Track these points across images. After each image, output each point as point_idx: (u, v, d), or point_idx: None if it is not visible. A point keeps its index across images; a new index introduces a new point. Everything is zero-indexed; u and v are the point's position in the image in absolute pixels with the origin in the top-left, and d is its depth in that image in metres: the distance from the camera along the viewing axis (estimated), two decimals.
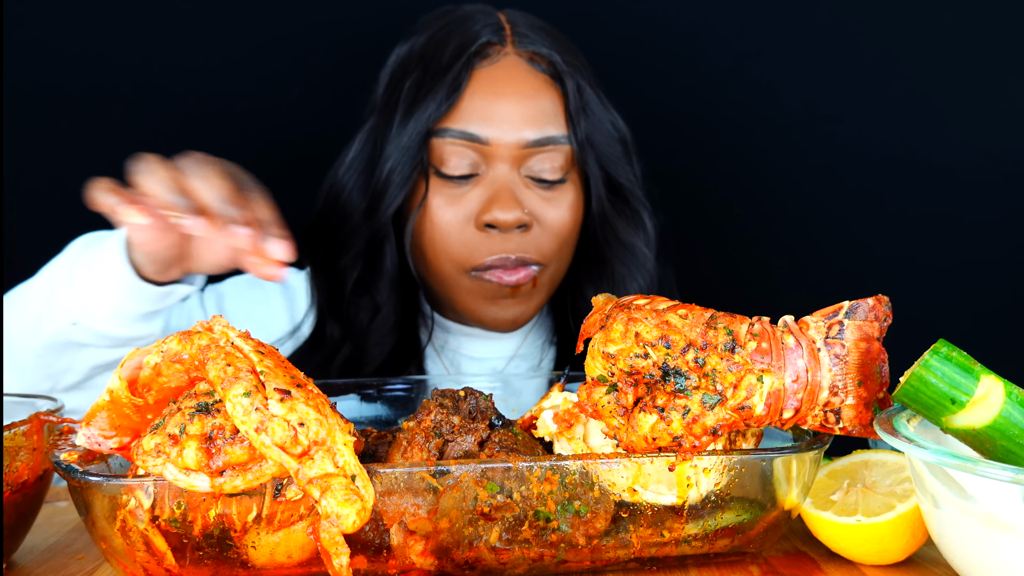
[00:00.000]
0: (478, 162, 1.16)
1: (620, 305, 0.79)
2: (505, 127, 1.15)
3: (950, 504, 0.70)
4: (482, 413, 0.82)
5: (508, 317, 1.22)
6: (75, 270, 1.04)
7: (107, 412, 0.75)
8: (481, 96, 1.16)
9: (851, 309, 0.77)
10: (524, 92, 1.16)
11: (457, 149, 1.16)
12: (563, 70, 1.18)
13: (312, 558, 0.73)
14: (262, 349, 0.75)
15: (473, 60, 1.17)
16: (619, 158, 1.22)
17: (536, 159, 1.16)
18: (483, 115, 1.15)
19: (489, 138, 1.15)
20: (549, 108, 1.17)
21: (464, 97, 1.16)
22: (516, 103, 1.16)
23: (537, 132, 1.16)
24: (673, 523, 0.76)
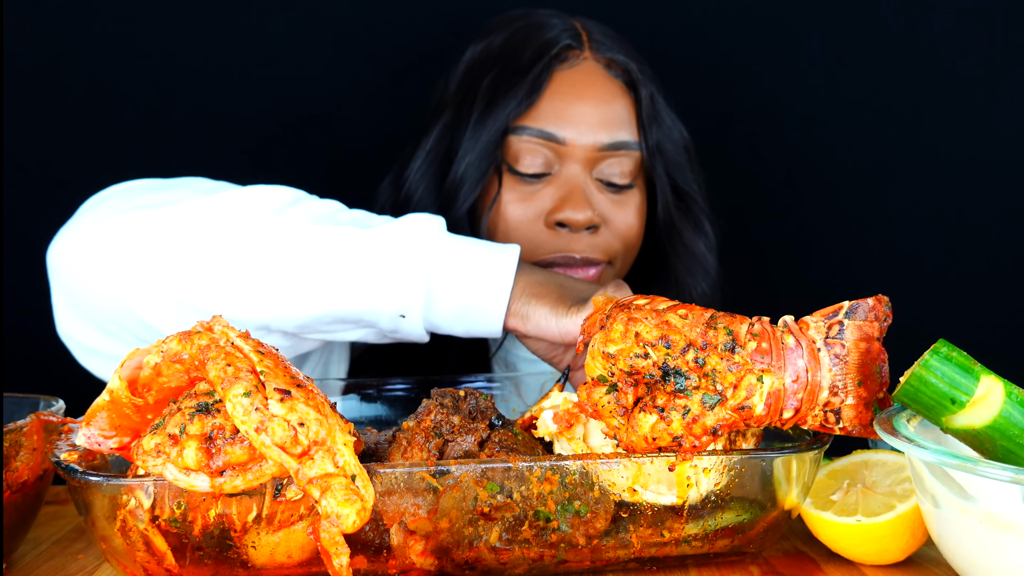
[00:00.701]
0: (552, 161, 1.19)
1: (620, 305, 0.79)
2: (582, 128, 1.18)
3: (950, 504, 0.70)
4: (482, 413, 0.82)
5: None
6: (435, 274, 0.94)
7: (107, 412, 0.75)
8: (560, 97, 1.19)
9: (851, 309, 0.77)
10: (601, 96, 1.20)
11: (533, 147, 1.18)
12: (637, 78, 1.22)
13: (312, 558, 0.73)
14: (262, 349, 0.75)
15: (553, 62, 1.21)
16: (684, 166, 1.26)
17: (607, 163, 1.19)
18: (561, 116, 1.18)
19: (566, 138, 1.18)
20: (624, 114, 1.20)
21: (543, 97, 1.19)
22: (593, 106, 1.19)
23: (611, 136, 1.19)
24: (673, 523, 0.76)
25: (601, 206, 1.20)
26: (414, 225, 0.96)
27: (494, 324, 0.95)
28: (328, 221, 0.96)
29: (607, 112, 1.19)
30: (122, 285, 0.94)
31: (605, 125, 1.19)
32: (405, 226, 0.95)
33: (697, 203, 1.27)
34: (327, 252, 0.94)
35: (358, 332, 0.98)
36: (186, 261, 0.94)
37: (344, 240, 0.94)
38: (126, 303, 0.95)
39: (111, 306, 0.96)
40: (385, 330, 0.97)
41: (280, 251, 0.94)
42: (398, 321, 0.95)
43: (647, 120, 1.21)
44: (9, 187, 1.52)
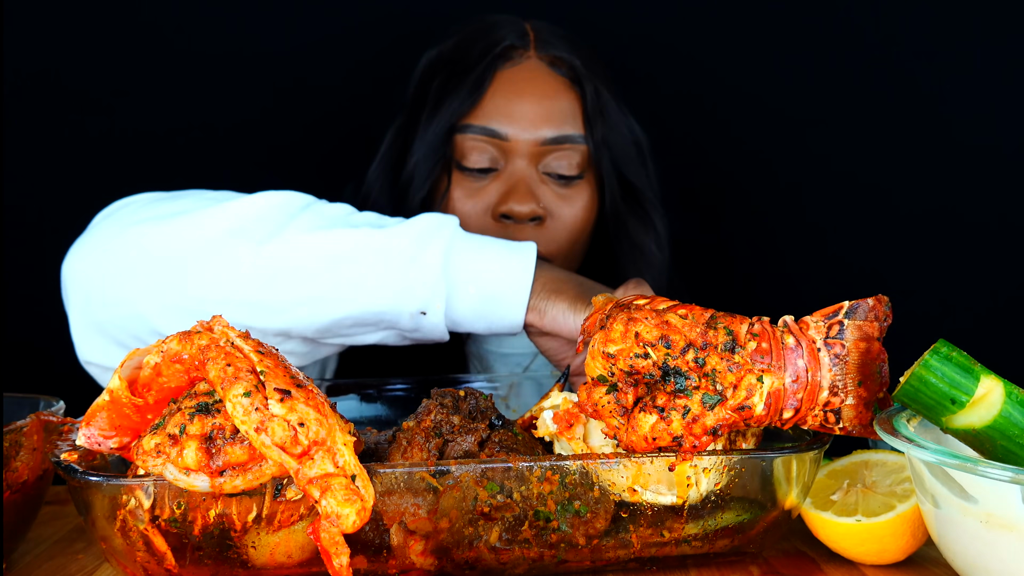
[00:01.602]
0: (497, 157, 1.22)
1: (620, 305, 0.79)
2: (524, 124, 1.21)
3: (950, 504, 0.70)
4: (482, 413, 0.82)
5: None
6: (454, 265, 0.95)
7: (107, 412, 0.75)
8: (503, 95, 1.23)
9: (851, 309, 0.77)
10: (544, 92, 1.23)
11: (478, 144, 1.22)
12: (582, 74, 1.24)
13: (312, 558, 0.73)
14: (262, 349, 0.75)
15: (497, 62, 1.25)
16: (633, 160, 1.27)
17: (553, 156, 1.22)
18: (504, 113, 1.22)
19: (508, 134, 1.21)
20: (567, 108, 1.23)
21: (487, 96, 1.23)
22: (535, 102, 1.22)
23: (554, 130, 1.22)
24: (673, 523, 0.76)
25: (547, 199, 1.22)
26: (431, 223, 0.97)
27: (515, 319, 0.96)
28: (342, 224, 0.97)
29: (549, 107, 1.22)
30: (138, 296, 0.95)
31: (547, 120, 1.22)
32: (422, 224, 0.97)
33: (646, 197, 1.29)
34: (344, 254, 0.94)
35: (378, 334, 0.99)
36: (201, 271, 0.94)
37: (361, 241, 0.95)
38: (143, 314, 0.95)
39: (129, 319, 0.96)
40: (406, 330, 0.97)
41: (297, 256, 0.94)
42: (419, 320, 0.96)
43: (592, 115, 1.23)
44: (9, 186, 1.52)
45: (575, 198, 1.24)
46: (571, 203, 1.24)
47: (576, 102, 1.24)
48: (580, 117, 1.24)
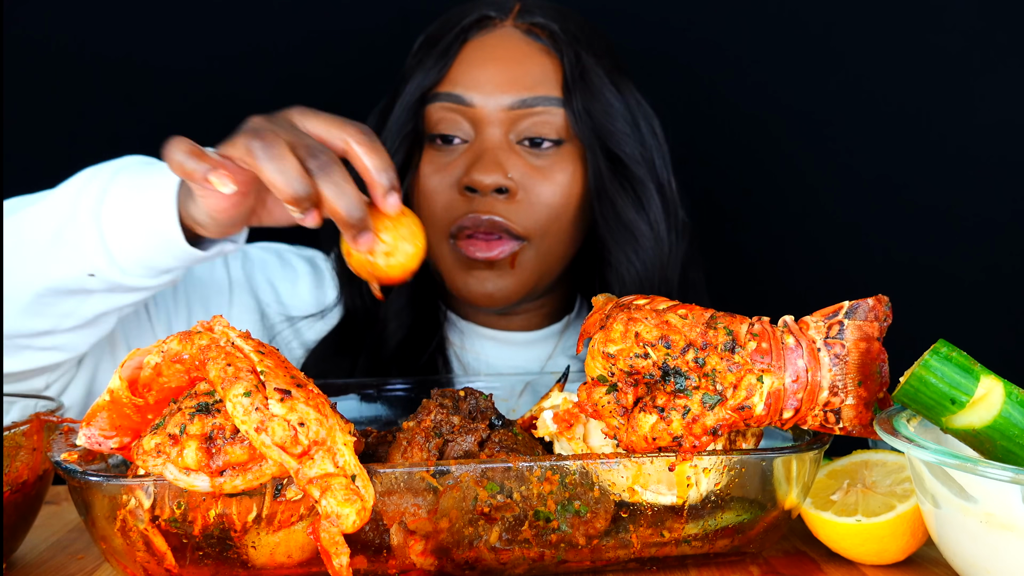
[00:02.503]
0: (467, 128, 1.17)
1: (620, 305, 0.79)
2: (489, 89, 1.15)
3: (950, 504, 0.70)
4: (482, 413, 0.82)
5: (484, 290, 1.17)
6: (103, 211, 0.94)
7: (107, 412, 0.75)
8: (469, 63, 1.17)
9: (851, 309, 0.77)
10: (512, 57, 1.17)
11: (447, 115, 1.17)
12: (562, 40, 1.17)
13: (312, 558, 0.73)
14: (262, 349, 0.75)
15: (469, 32, 1.19)
16: (625, 135, 1.18)
17: (527, 122, 1.15)
18: (470, 79, 1.16)
19: (473, 100, 1.15)
20: (538, 72, 1.17)
21: (454, 65, 1.18)
22: (502, 66, 1.16)
23: (522, 93, 1.15)
24: (673, 523, 0.76)
25: (519, 171, 1.15)
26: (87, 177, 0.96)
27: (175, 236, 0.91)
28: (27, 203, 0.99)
29: (516, 71, 1.16)
30: None
31: (514, 83, 1.15)
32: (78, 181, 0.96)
33: (637, 175, 1.19)
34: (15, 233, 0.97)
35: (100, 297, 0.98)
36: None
37: (19, 223, 0.97)
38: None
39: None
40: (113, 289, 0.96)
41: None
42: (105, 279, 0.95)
43: (571, 81, 1.16)
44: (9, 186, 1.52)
45: (552, 170, 1.16)
46: (547, 176, 1.16)
47: (554, 67, 1.17)
48: (557, 82, 1.16)
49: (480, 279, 1.16)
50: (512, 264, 1.16)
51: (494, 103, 1.15)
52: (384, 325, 1.23)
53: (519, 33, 1.19)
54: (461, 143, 1.17)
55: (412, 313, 1.24)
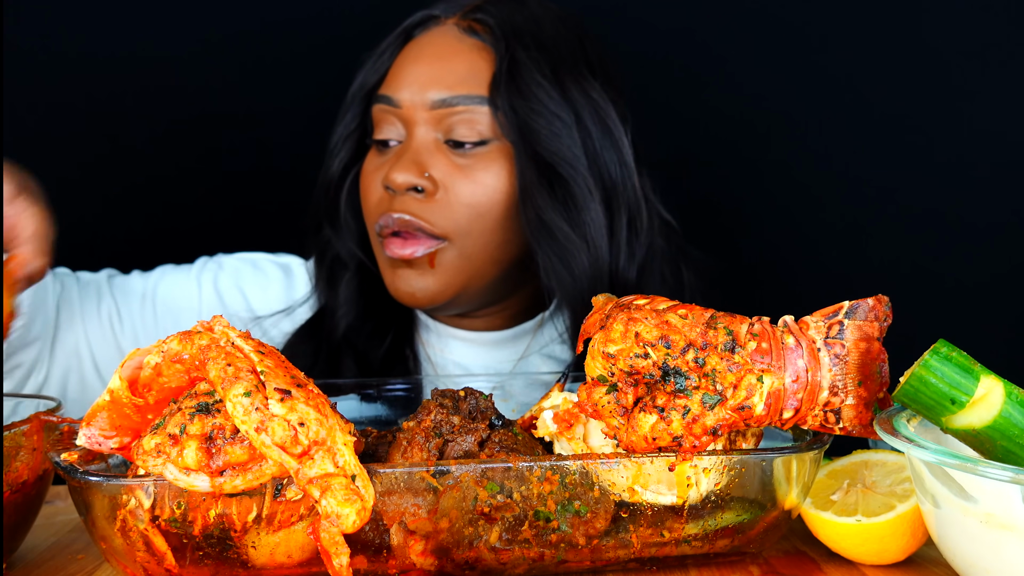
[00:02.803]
0: (400, 128, 1.16)
1: (620, 305, 0.79)
2: (414, 88, 1.14)
3: (950, 504, 0.70)
4: (482, 413, 0.82)
5: (406, 289, 1.16)
6: None
7: (107, 412, 0.75)
8: (402, 62, 1.17)
9: (851, 309, 0.77)
10: (440, 55, 1.15)
11: (383, 116, 1.17)
12: (499, 37, 1.15)
13: (312, 558, 0.73)
14: (262, 349, 0.75)
15: (413, 32, 1.20)
16: (552, 134, 1.13)
17: (453, 121, 1.14)
18: (400, 79, 1.16)
19: (401, 100, 1.15)
20: (464, 70, 1.15)
21: (393, 65, 1.18)
22: (428, 65, 1.15)
23: (444, 92, 1.14)
24: (673, 523, 0.76)
25: (440, 169, 1.13)
26: None
27: None
28: None
29: (442, 69, 1.14)
30: None
31: (437, 82, 1.14)
32: None
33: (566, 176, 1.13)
34: None
35: None
36: None
37: None
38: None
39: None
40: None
41: None
42: None
43: (499, 78, 1.13)
44: None
45: (474, 169, 1.13)
46: (469, 175, 1.13)
47: (486, 65, 1.15)
48: (487, 81, 1.14)
49: (403, 277, 1.16)
50: (431, 263, 1.14)
51: (419, 102, 1.14)
52: (333, 312, 1.24)
53: (456, 31, 1.18)
54: (397, 143, 1.17)
55: (359, 303, 1.24)
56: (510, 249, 1.17)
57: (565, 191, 1.14)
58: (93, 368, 1.23)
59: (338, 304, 1.24)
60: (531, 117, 1.13)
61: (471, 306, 1.21)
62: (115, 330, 1.24)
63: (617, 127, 1.17)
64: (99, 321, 1.23)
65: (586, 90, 1.16)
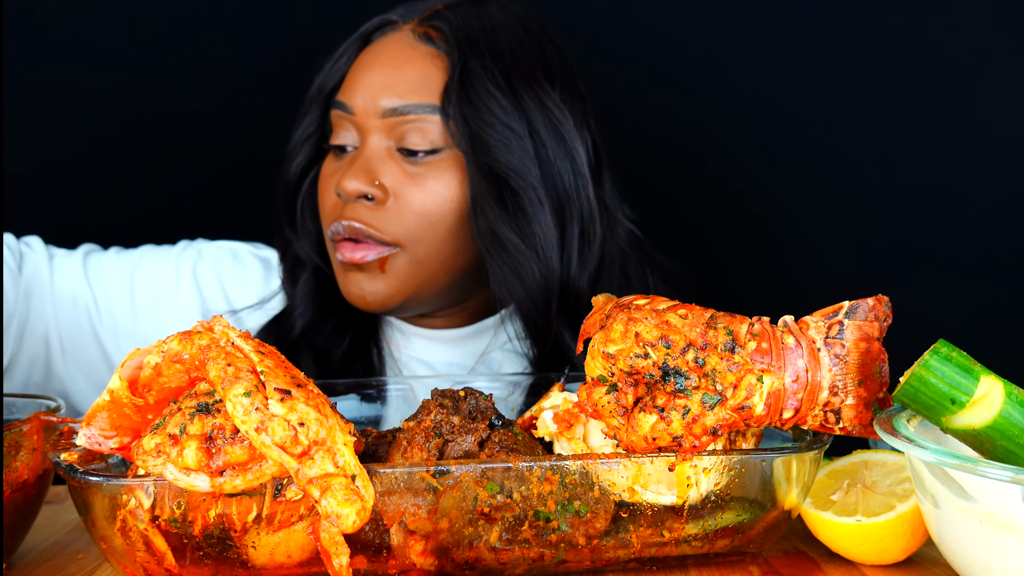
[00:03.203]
0: (355, 135, 1.16)
1: (620, 305, 0.79)
2: (367, 95, 1.14)
3: (950, 504, 0.70)
4: (482, 413, 0.82)
5: (356, 292, 1.16)
6: None
7: (107, 412, 0.75)
8: (357, 68, 1.17)
9: (851, 309, 0.77)
10: (393, 62, 1.15)
11: (339, 122, 1.17)
12: (453, 45, 1.14)
13: (312, 558, 0.73)
14: (262, 349, 0.75)
15: (370, 37, 1.19)
16: (501, 144, 1.13)
17: (405, 129, 1.13)
18: (353, 85, 1.16)
19: (353, 106, 1.15)
20: (417, 79, 1.14)
21: (349, 72, 1.18)
22: (381, 71, 1.15)
23: (395, 99, 1.13)
24: (673, 523, 0.76)
25: (392, 177, 1.13)
26: None
27: None
28: None
29: (394, 76, 1.14)
30: None
31: (389, 89, 1.13)
32: None
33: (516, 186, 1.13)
34: None
35: None
36: None
37: None
38: None
39: None
40: None
41: None
42: None
43: (451, 87, 1.12)
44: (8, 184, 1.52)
45: (425, 177, 1.13)
46: (420, 183, 1.13)
47: (438, 72, 1.14)
48: (439, 90, 1.13)
49: (354, 280, 1.16)
50: (382, 268, 1.14)
51: (372, 109, 1.14)
52: (291, 311, 1.25)
53: (412, 37, 1.17)
54: (352, 149, 1.17)
55: (316, 302, 1.25)
56: (462, 257, 1.17)
57: (515, 203, 1.13)
58: (61, 355, 1.23)
59: (296, 303, 1.25)
60: (482, 128, 1.12)
61: (424, 309, 1.22)
62: (92, 319, 1.24)
63: (572, 136, 1.17)
64: (74, 310, 1.23)
65: (541, 99, 1.16)
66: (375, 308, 1.17)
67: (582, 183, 1.17)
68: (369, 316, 1.27)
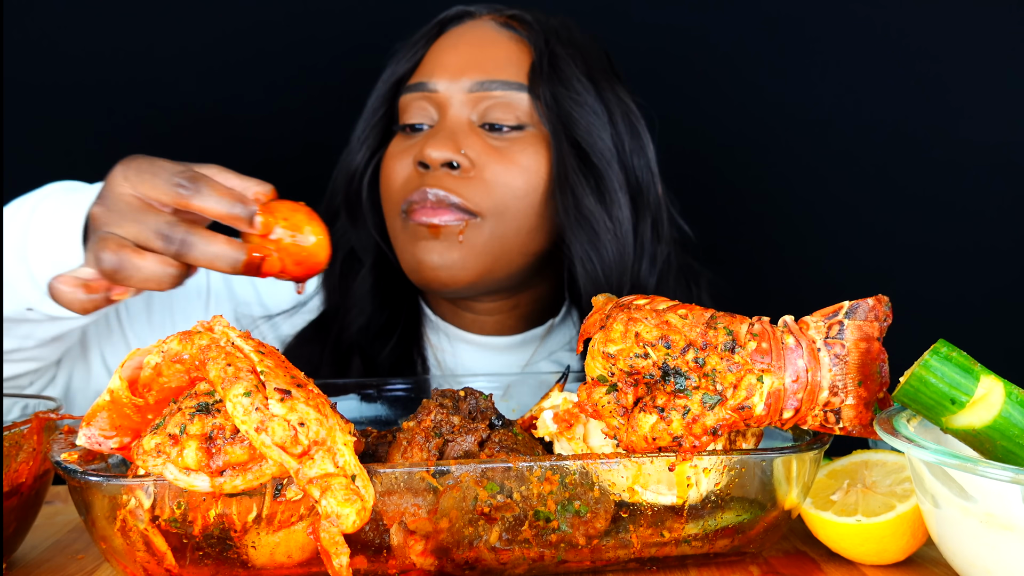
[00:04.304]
0: (433, 113, 1.17)
1: (620, 305, 0.79)
2: (452, 72, 1.16)
3: (950, 504, 0.70)
4: (482, 413, 0.82)
5: (430, 262, 1.12)
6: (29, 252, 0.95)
7: (107, 412, 0.75)
8: (438, 51, 1.19)
9: (851, 309, 0.77)
10: (478, 42, 1.18)
11: (413, 102, 1.17)
12: (537, 31, 1.18)
13: (312, 558, 0.73)
14: (262, 349, 0.75)
15: (446, 25, 1.21)
16: (589, 124, 1.15)
17: (489, 105, 1.14)
18: (435, 66, 1.17)
19: (437, 87, 1.16)
20: (503, 57, 1.17)
21: (426, 55, 1.19)
22: (466, 51, 1.17)
23: (483, 75, 1.15)
24: (673, 523, 0.76)
25: (476, 149, 1.13)
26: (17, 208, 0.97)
27: None
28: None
29: (481, 54, 1.16)
30: None
31: (476, 66, 1.15)
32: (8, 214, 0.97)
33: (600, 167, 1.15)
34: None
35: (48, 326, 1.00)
36: None
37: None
38: None
39: None
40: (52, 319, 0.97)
41: None
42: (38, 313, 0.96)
43: (539, 66, 1.15)
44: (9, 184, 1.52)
45: (511, 151, 1.13)
46: (506, 156, 1.13)
47: (523, 55, 1.17)
48: (525, 70, 1.16)
49: (428, 250, 1.13)
50: (460, 236, 1.12)
51: (456, 86, 1.15)
52: (347, 311, 1.23)
53: (494, 24, 1.20)
54: (427, 127, 1.17)
55: (374, 301, 1.24)
56: (539, 238, 1.16)
57: (599, 182, 1.15)
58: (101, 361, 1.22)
59: (352, 302, 1.23)
60: (571, 106, 1.14)
61: (486, 292, 1.19)
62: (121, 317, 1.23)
63: (644, 132, 1.20)
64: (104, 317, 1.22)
65: (618, 93, 1.19)
66: (445, 283, 1.14)
67: (653, 179, 1.19)
68: (415, 321, 1.25)
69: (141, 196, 0.85)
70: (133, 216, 0.84)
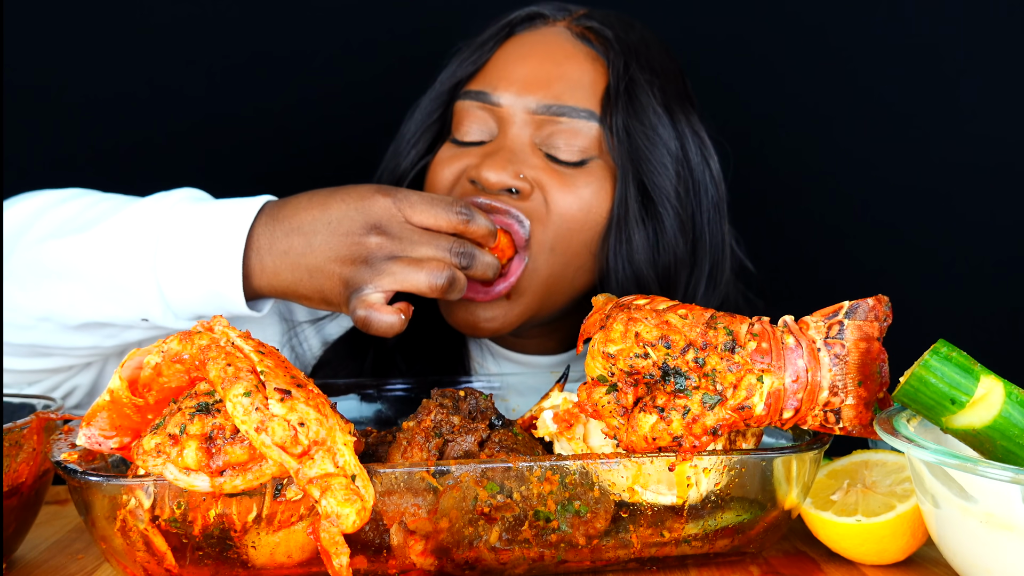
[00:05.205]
0: (493, 126, 1.07)
1: (620, 305, 0.79)
2: (518, 88, 1.05)
3: (950, 504, 0.70)
4: (482, 413, 0.82)
5: (473, 318, 1.05)
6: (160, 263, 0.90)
7: (107, 412, 0.75)
8: (506, 58, 1.09)
9: (851, 309, 0.77)
10: (551, 56, 1.07)
11: (471, 111, 1.07)
12: (615, 50, 1.07)
13: (312, 558, 0.73)
14: (262, 349, 0.75)
15: (516, 28, 1.11)
16: (660, 165, 1.06)
17: (553, 131, 1.04)
18: (500, 75, 1.07)
19: (500, 100, 1.06)
20: (576, 78, 1.06)
21: (491, 60, 1.09)
22: (537, 65, 1.06)
23: (552, 98, 1.05)
24: (673, 523, 0.76)
25: (536, 172, 1.03)
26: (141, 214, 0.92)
27: (235, 293, 0.89)
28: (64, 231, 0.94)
29: (552, 71, 1.05)
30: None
31: (545, 85, 1.05)
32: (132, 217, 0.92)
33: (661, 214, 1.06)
34: (55, 268, 0.92)
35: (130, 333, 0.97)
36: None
37: (67, 253, 0.92)
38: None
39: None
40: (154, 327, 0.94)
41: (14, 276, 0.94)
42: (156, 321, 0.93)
43: (615, 94, 1.05)
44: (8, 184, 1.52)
45: (575, 180, 1.04)
46: (569, 184, 1.03)
47: (598, 77, 1.06)
48: (597, 95, 1.05)
49: (468, 308, 1.05)
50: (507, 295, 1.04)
51: (521, 103, 1.05)
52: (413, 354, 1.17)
53: (569, 34, 1.09)
54: (480, 142, 1.08)
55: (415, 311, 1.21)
56: (587, 276, 1.08)
57: (657, 226, 1.06)
58: None
59: None
60: (644, 143, 1.05)
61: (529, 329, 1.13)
62: None
63: (716, 167, 1.11)
64: None
65: (692, 124, 1.10)
66: (487, 333, 1.06)
67: (719, 218, 1.11)
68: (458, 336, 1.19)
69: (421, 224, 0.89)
70: (422, 239, 0.89)
